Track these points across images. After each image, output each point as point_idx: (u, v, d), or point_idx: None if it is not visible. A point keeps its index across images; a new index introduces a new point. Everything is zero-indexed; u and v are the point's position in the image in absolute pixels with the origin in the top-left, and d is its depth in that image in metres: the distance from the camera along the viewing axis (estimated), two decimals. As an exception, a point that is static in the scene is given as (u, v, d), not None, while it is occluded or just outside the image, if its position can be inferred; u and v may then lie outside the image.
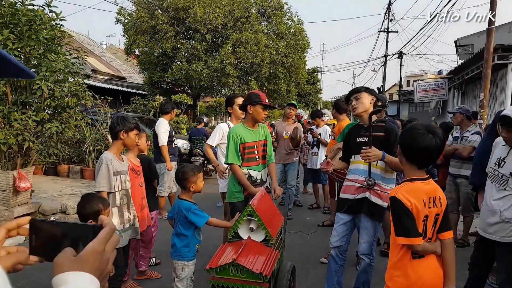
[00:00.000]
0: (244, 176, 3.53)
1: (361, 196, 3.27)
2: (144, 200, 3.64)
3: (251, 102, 3.60)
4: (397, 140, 3.14)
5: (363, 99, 3.28)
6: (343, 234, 3.42)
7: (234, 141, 3.57)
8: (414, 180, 1.99)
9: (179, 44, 16.15)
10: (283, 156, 6.75)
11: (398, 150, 2.08)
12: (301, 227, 6.20)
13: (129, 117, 3.15)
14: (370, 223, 3.25)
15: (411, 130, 1.98)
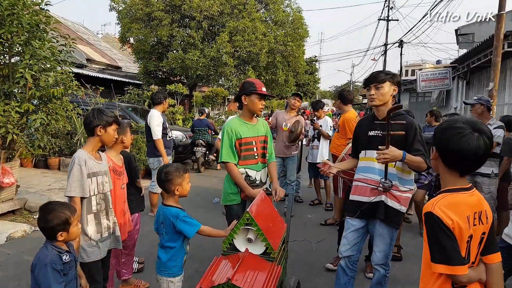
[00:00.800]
0: (240, 176, 3.13)
1: (377, 199, 2.87)
2: (126, 203, 3.25)
3: (245, 92, 3.18)
4: (417, 136, 2.75)
5: (385, 89, 2.85)
6: (354, 242, 3.02)
7: (228, 137, 3.16)
8: (455, 190, 1.58)
9: (174, 32, 15.63)
10: (282, 149, 6.33)
11: (434, 154, 1.67)
12: (302, 225, 5.84)
13: (106, 110, 2.73)
14: (386, 229, 2.86)
15: (451, 128, 1.56)
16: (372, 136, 2.94)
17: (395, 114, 2.84)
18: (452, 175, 1.61)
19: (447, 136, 1.56)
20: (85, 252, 2.56)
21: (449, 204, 1.53)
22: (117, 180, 3.10)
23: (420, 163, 2.71)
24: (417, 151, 2.72)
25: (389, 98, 2.87)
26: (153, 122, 5.87)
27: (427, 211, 1.54)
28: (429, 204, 1.57)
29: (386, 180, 2.81)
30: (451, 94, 17.24)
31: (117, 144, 3.23)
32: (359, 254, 3.09)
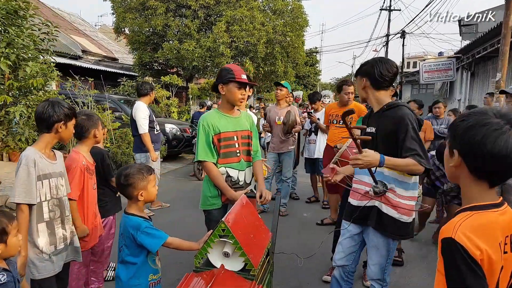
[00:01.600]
0: (220, 176, 2.74)
1: (370, 204, 2.51)
2: (96, 205, 2.91)
3: (222, 80, 2.79)
4: (409, 133, 2.32)
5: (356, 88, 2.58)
6: (350, 250, 2.66)
7: (204, 132, 2.77)
8: (483, 208, 1.19)
9: (169, 22, 15.18)
10: (278, 144, 5.95)
11: (456, 160, 1.26)
12: (297, 225, 5.47)
13: (63, 101, 2.35)
14: (381, 240, 2.48)
15: (482, 125, 1.16)
16: (367, 134, 2.59)
17: (391, 106, 2.49)
18: (480, 187, 1.22)
19: (477, 135, 1.16)
20: (35, 268, 2.19)
21: (477, 228, 1.13)
22: (89, 180, 2.80)
23: (412, 166, 2.28)
24: (410, 151, 2.31)
25: (363, 92, 2.60)
26: (139, 115, 5.49)
27: (447, 236, 1.14)
28: (449, 226, 1.17)
29: (376, 184, 2.43)
30: (455, 86, 16.77)
31: (88, 139, 2.91)
32: (356, 264, 2.72)
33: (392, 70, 2.50)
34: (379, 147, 2.45)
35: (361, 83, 2.57)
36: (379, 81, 2.49)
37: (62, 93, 10.19)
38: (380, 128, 2.49)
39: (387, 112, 2.49)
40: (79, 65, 15.34)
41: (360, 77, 2.58)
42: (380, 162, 2.25)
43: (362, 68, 2.58)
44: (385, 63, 2.51)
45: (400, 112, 2.42)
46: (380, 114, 2.52)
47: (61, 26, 21.31)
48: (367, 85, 2.54)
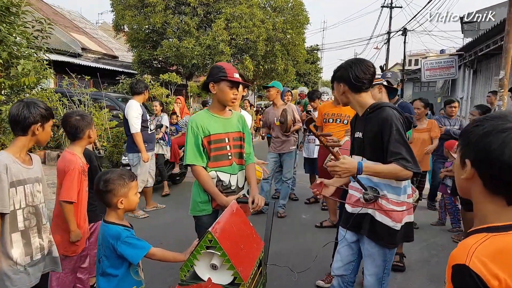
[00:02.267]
0: (210, 181, 2.59)
1: (363, 211, 2.38)
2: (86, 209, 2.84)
3: (214, 78, 2.63)
4: (393, 135, 2.17)
5: (336, 90, 2.46)
6: (348, 259, 2.51)
7: (193, 134, 2.61)
8: (502, 229, 1.03)
9: (169, 19, 15.02)
10: (278, 144, 5.81)
11: (469, 172, 1.08)
12: (295, 228, 5.31)
13: (38, 101, 2.19)
14: (376, 249, 2.34)
15: (497, 131, 1.01)
16: (356, 138, 2.45)
17: (374, 108, 2.34)
18: (496, 204, 1.05)
19: (494, 143, 1.00)
20: (9, 280, 2.04)
21: (495, 253, 0.97)
22: (84, 182, 2.74)
23: (396, 172, 2.15)
24: (394, 155, 2.16)
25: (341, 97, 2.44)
26: (131, 114, 5.34)
27: (459, 263, 0.99)
28: (461, 250, 1.01)
29: (366, 191, 2.29)
30: (457, 84, 16.57)
31: (83, 140, 2.82)
32: (355, 274, 2.57)
33: (369, 71, 2.33)
34: (366, 152, 2.33)
35: (339, 89, 2.40)
36: (356, 85, 2.33)
37: (58, 91, 10.08)
38: (366, 132, 2.35)
39: (371, 115, 2.34)
40: (78, 63, 15.18)
41: (336, 83, 2.42)
42: (358, 170, 2.12)
43: (337, 74, 2.42)
44: (359, 64, 2.33)
45: (383, 113, 2.26)
46: (364, 118, 2.38)
47: (58, 23, 21.21)
48: (345, 90, 2.38)
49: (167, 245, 4.46)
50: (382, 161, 2.24)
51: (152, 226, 5.12)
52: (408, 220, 2.39)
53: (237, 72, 2.64)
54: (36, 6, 22.11)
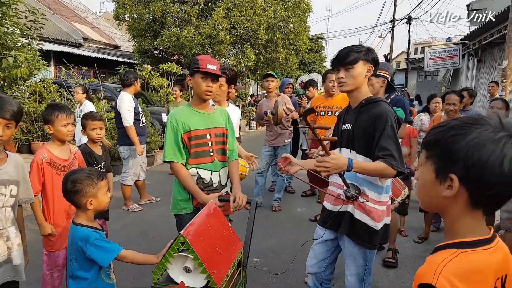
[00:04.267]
0: (190, 178, 2.52)
1: (343, 209, 2.32)
2: (72, 207, 2.72)
3: (190, 71, 2.58)
4: (386, 130, 2.11)
5: (357, 70, 2.23)
6: (322, 256, 2.47)
7: (173, 130, 2.53)
8: (472, 245, 0.95)
9: (168, 8, 14.84)
10: (273, 137, 5.72)
11: (455, 189, 0.95)
12: (289, 222, 5.26)
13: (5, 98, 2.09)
14: (356, 248, 2.30)
15: (491, 141, 0.90)
16: (343, 131, 2.36)
17: (369, 101, 2.26)
18: (473, 218, 0.97)
19: (492, 155, 0.90)
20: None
21: (464, 272, 0.89)
22: (57, 176, 2.68)
23: (383, 170, 2.09)
24: (382, 151, 2.10)
25: (363, 80, 2.27)
26: (123, 107, 5.27)
27: (425, 282, 0.91)
28: (428, 268, 0.93)
29: (348, 188, 2.24)
30: (460, 73, 16.32)
31: (53, 134, 2.76)
32: (330, 271, 2.52)
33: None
34: (355, 145, 2.27)
35: (362, 70, 2.24)
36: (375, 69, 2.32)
37: (56, 82, 10.03)
38: (357, 125, 2.27)
39: (365, 107, 2.27)
40: (77, 53, 15.09)
41: (363, 63, 2.23)
42: (348, 166, 2.05)
43: (366, 53, 2.25)
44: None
45: (379, 108, 2.20)
46: (358, 110, 2.30)
47: (59, 13, 21.08)
48: (370, 73, 2.28)
49: (159, 240, 4.43)
50: (370, 156, 2.19)
51: (144, 220, 5.08)
52: (386, 222, 2.33)
53: (215, 63, 2.53)
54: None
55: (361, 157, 2.23)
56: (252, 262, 3.92)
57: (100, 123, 3.31)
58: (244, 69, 16.00)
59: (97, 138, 3.31)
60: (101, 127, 3.33)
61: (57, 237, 2.74)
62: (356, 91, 2.29)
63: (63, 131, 2.71)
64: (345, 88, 2.27)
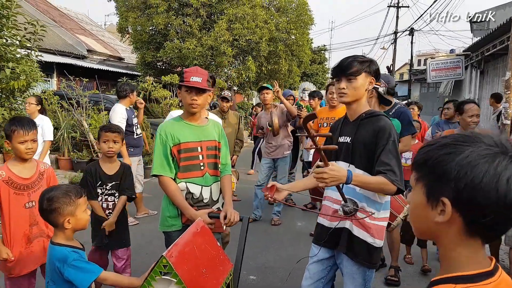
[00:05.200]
0: (178, 193, 2.42)
1: (340, 225, 2.22)
2: (36, 228, 2.52)
3: (178, 85, 2.53)
4: (388, 145, 2.04)
5: (359, 82, 2.15)
6: (318, 276, 2.35)
7: (161, 142, 2.45)
8: (473, 280, 0.83)
9: (171, 21, 14.91)
10: (272, 149, 5.62)
11: (448, 214, 0.84)
12: (288, 237, 5.12)
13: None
14: (355, 267, 2.19)
15: (485, 160, 0.80)
16: (341, 143, 2.26)
17: (369, 115, 2.18)
18: (470, 247, 0.86)
19: (486, 176, 0.80)
20: None
21: None
22: (15, 196, 2.44)
23: (383, 185, 1.99)
24: (383, 166, 2.02)
25: (364, 92, 2.20)
26: (115, 118, 5.21)
27: None
28: None
29: (346, 203, 2.14)
30: (463, 85, 16.21)
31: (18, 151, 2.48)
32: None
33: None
34: (355, 159, 2.18)
35: (364, 82, 2.17)
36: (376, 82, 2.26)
37: (57, 93, 10.01)
38: (357, 138, 2.19)
39: (366, 121, 2.19)
40: (80, 64, 15.13)
41: (365, 75, 2.16)
42: (347, 178, 1.95)
43: (369, 65, 2.17)
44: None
45: (381, 122, 2.14)
46: (357, 123, 2.21)
47: (64, 25, 21.23)
48: (369, 88, 2.22)
49: (153, 256, 4.30)
50: (369, 171, 2.10)
51: (140, 235, 4.96)
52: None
53: (200, 75, 2.44)
54: (42, 8, 22.25)
55: (360, 171, 2.14)
56: (249, 280, 3.80)
57: (114, 135, 3.02)
58: (246, 81, 15.99)
59: (108, 152, 3.02)
60: (115, 140, 3.03)
61: (15, 262, 2.47)
62: (356, 103, 2.21)
63: (20, 149, 2.44)
64: (345, 99, 2.19)
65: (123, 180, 3.07)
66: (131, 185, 3.17)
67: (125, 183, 3.08)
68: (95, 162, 3.13)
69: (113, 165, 3.08)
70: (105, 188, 3.02)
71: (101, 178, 3.01)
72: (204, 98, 2.46)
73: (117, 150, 3.08)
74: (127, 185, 3.10)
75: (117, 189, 3.06)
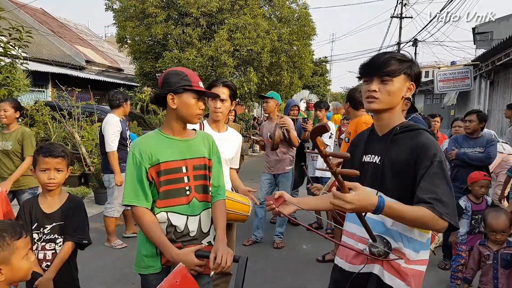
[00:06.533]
0: (155, 228, 1.90)
1: (366, 270, 1.70)
2: None
3: (173, 88, 1.94)
4: (433, 167, 1.53)
5: (395, 85, 1.65)
6: None
7: (134, 165, 1.92)
8: None
9: (170, 30, 14.56)
10: (273, 164, 5.12)
11: None
12: (292, 262, 4.59)
13: None
14: None
15: None
16: (366, 164, 1.76)
17: (406, 129, 1.69)
18: None
19: None
20: None
21: None
22: None
23: (427, 219, 1.49)
24: (426, 193, 1.52)
25: (400, 100, 1.70)
26: (109, 130, 4.71)
27: None
28: None
29: (374, 242, 1.63)
30: (470, 96, 15.74)
31: None
32: None
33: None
34: (387, 185, 1.65)
35: (401, 86, 1.67)
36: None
37: (49, 104, 9.56)
38: (390, 158, 1.67)
39: (401, 136, 1.68)
40: (76, 75, 14.76)
41: (404, 78, 1.67)
42: (377, 207, 1.43)
43: (408, 66, 1.68)
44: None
45: (423, 138, 1.63)
46: (390, 138, 1.70)
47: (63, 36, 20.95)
48: (411, 90, 1.71)
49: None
50: (405, 200, 1.58)
51: (127, 260, 4.42)
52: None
53: (200, 80, 1.98)
54: (40, 18, 22.05)
55: (393, 201, 1.62)
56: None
57: (57, 161, 2.21)
58: (247, 92, 15.58)
59: (48, 185, 2.21)
60: (58, 168, 2.22)
61: None
62: (389, 112, 1.71)
63: None
64: (376, 105, 1.68)
65: (70, 220, 2.26)
66: (81, 226, 2.31)
67: (71, 223, 2.26)
68: (33, 197, 2.38)
69: (55, 199, 2.28)
70: (42, 232, 2.22)
71: (37, 218, 2.22)
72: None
73: (61, 182, 2.26)
74: (75, 226, 2.26)
75: (60, 233, 2.24)
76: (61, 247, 2.22)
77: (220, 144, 2.52)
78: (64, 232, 2.24)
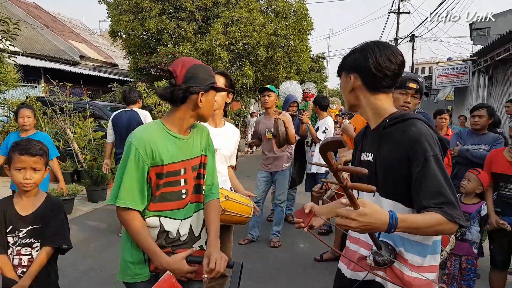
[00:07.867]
0: (145, 232, 1.71)
1: (369, 277, 1.55)
2: None
3: (204, 86, 1.73)
4: (428, 167, 1.38)
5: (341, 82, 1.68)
6: None
7: (136, 161, 1.69)
8: None
9: (164, 24, 14.34)
10: (269, 161, 4.96)
11: None
12: (289, 262, 4.45)
13: None
14: None
15: None
16: (363, 162, 1.62)
17: (396, 119, 1.52)
18: None
19: None
20: None
21: None
22: None
23: (439, 226, 1.34)
24: (433, 198, 1.36)
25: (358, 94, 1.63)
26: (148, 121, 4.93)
27: None
28: None
29: (378, 250, 1.46)
30: (468, 92, 15.65)
31: None
32: None
33: (397, 59, 1.52)
34: (379, 185, 1.48)
35: (347, 83, 1.59)
36: (376, 78, 1.51)
37: (40, 99, 9.35)
38: (381, 155, 1.53)
39: (389, 129, 1.52)
40: (68, 70, 14.51)
41: (345, 74, 1.61)
42: (389, 226, 1.28)
43: (348, 59, 1.60)
44: (384, 49, 1.52)
45: (412, 130, 1.45)
46: (379, 132, 1.55)
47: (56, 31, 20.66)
48: (357, 86, 1.56)
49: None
50: (400, 200, 1.45)
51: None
52: None
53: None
54: (33, 13, 21.71)
55: (388, 201, 1.49)
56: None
57: (34, 160, 2.01)
58: (243, 88, 15.41)
59: (24, 185, 2.01)
60: (35, 168, 2.03)
61: None
62: (363, 108, 1.62)
63: None
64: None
65: (47, 223, 2.06)
66: (60, 230, 2.11)
67: (49, 227, 2.06)
68: (7, 197, 2.15)
69: (31, 200, 2.08)
70: (17, 235, 2.04)
71: (12, 220, 2.03)
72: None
73: (38, 182, 2.06)
74: (53, 230, 2.06)
75: (37, 237, 2.06)
76: (38, 252, 2.05)
77: (218, 139, 2.35)
78: (41, 236, 2.05)
